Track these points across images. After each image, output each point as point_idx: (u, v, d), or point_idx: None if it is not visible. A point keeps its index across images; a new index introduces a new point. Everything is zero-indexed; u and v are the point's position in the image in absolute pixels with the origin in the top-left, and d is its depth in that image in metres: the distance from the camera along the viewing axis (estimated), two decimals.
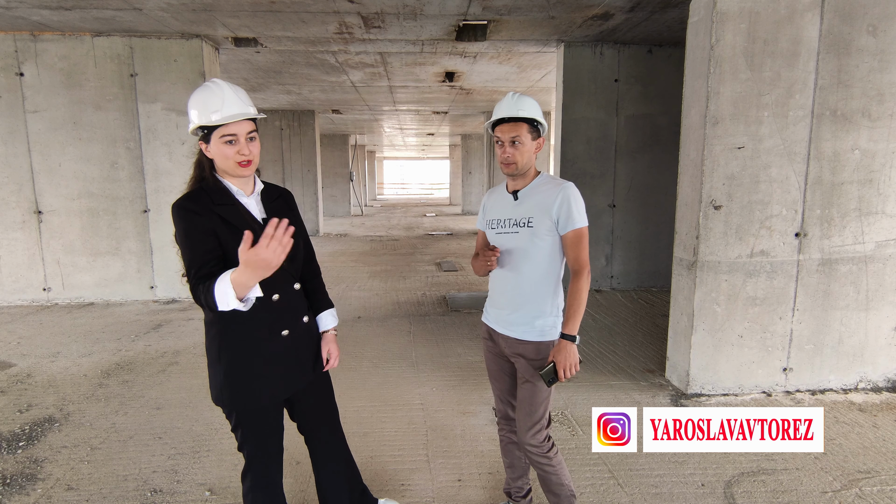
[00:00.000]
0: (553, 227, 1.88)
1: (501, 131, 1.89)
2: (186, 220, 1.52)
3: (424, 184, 44.00)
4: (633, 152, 6.23)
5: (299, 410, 1.87)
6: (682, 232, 3.53)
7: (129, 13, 4.84)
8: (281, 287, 1.67)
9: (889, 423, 3.10)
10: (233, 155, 1.54)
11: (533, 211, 1.90)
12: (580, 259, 1.88)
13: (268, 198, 1.73)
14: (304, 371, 1.78)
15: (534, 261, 1.90)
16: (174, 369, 3.95)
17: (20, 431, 3.00)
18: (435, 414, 3.23)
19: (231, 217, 1.56)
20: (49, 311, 5.54)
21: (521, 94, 1.91)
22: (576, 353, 1.84)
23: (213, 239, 1.52)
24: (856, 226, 3.35)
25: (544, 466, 1.95)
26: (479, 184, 17.68)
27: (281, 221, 1.34)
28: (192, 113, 1.56)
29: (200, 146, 1.59)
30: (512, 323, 1.94)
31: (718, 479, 2.52)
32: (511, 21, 5.19)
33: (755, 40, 3.14)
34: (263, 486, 1.75)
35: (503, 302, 1.97)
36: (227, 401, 1.63)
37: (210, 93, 1.53)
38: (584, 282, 1.86)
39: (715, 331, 3.39)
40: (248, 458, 1.73)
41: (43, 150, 5.61)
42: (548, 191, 1.90)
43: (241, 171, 1.58)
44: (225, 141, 1.53)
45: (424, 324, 5.13)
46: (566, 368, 1.82)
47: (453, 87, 9.08)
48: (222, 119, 1.51)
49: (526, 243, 1.90)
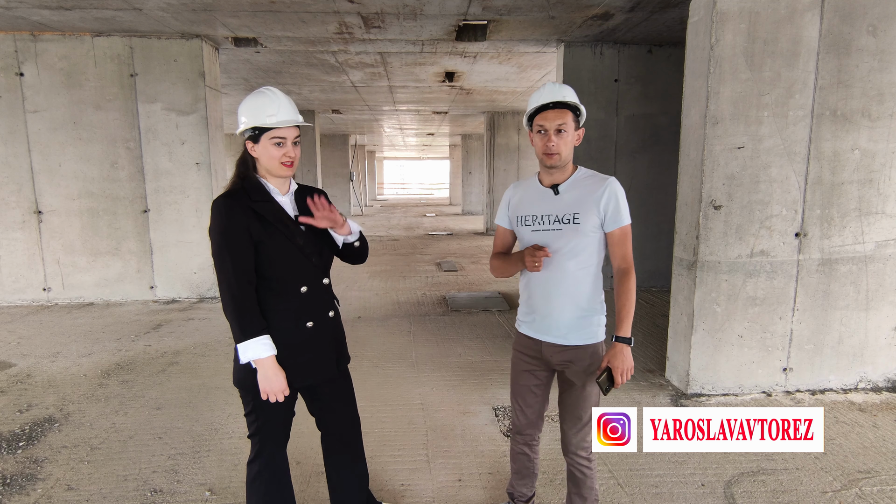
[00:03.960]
0: (599, 224, 1.78)
1: (546, 119, 1.76)
2: (225, 217, 1.64)
3: (424, 184, 43.98)
4: (633, 152, 6.23)
5: (320, 406, 1.92)
6: (682, 232, 3.53)
7: (129, 13, 4.84)
8: (310, 280, 1.76)
9: (889, 423, 3.10)
10: (279, 156, 1.68)
11: (578, 206, 1.78)
12: (627, 257, 1.79)
13: (301, 197, 1.82)
14: (326, 364, 1.84)
15: (578, 259, 1.79)
16: (174, 369, 3.95)
17: (20, 431, 2.99)
18: (435, 414, 3.23)
19: (265, 212, 1.68)
20: (49, 311, 5.54)
21: (560, 83, 1.79)
22: (631, 357, 1.74)
23: (246, 238, 1.64)
24: (856, 226, 3.35)
25: (584, 470, 1.92)
26: (479, 184, 17.67)
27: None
28: (246, 114, 1.69)
29: (247, 145, 1.71)
30: (560, 329, 1.83)
31: (718, 479, 2.52)
32: (511, 21, 5.19)
33: (755, 40, 3.14)
34: (271, 470, 1.82)
35: (547, 307, 1.84)
36: (249, 384, 1.70)
37: (267, 99, 1.68)
38: (633, 280, 1.77)
39: (715, 331, 3.39)
40: (259, 443, 1.80)
41: (43, 150, 5.62)
42: (592, 185, 1.80)
43: (285, 171, 1.71)
44: (275, 143, 1.67)
45: (424, 324, 5.13)
46: (623, 373, 1.72)
47: (453, 87, 9.08)
48: (277, 123, 1.66)
49: (571, 241, 1.78)
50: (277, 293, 1.71)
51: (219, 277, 1.64)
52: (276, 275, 1.70)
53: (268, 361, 1.64)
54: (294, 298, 1.73)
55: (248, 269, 1.64)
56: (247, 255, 1.64)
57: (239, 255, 1.63)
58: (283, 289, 1.72)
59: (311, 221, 1.70)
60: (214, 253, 1.65)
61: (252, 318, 1.63)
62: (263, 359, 1.64)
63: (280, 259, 1.69)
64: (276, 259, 1.68)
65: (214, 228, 1.65)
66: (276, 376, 1.65)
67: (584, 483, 1.94)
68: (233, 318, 1.63)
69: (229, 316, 1.64)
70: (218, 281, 1.65)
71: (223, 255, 1.63)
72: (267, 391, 1.66)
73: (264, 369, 1.64)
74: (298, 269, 1.73)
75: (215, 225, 1.65)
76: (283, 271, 1.71)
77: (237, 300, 1.62)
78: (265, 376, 1.65)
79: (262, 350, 1.63)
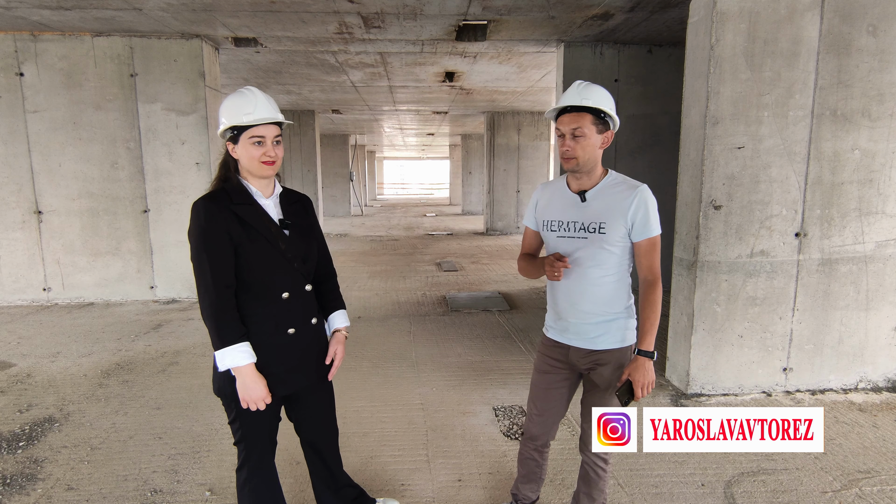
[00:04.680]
0: (626, 233, 1.73)
1: (562, 122, 1.73)
2: (204, 220, 1.60)
3: (424, 184, 43.98)
4: (633, 152, 6.22)
5: (298, 413, 1.90)
6: (682, 232, 3.53)
7: (129, 13, 4.84)
8: (292, 286, 1.72)
9: (889, 423, 3.10)
10: (259, 155, 1.64)
11: (605, 215, 1.73)
12: (654, 268, 1.73)
13: (287, 200, 1.80)
14: (306, 372, 1.81)
15: (603, 267, 1.76)
16: (174, 369, 3.95)
17: (20, 431, 3.00)
18: (435, 414, 3.23)
19: (247, 216, 1.64)
20: (49, 311, 5.54)
21: (589, 82, 1.74)
22: (653, 371, 1.71)
23: (226, 241, 1.61)
24: (856, 226, 3.35)
25: (598, 471, 1.91)
26: (479, 184, 17.68)
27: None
28: (225, 115, 1.66)
29: (227, 147, 1.68)
30: (588, 333, 1.81)
31: (718, 479, 2.52)
32: (511, 21, 5.19)
33: (755, 40, 3.14)
34: (259, 477, 1.80)
35: (573, 314, 1.82)
36: (229, 393, 1.67)
37: (244, 98, 1.64)
38: (659, 293, 1.72)
39: (715, 331, 3.39)
40: (245, 450, 1.77)
41: (43, 151, 5.61)
42: (621, 193, 1.74)
43: (265, 171, 1.67)
44: (253, 142, 1.63)
45: (424, 324, 5.13)
46: (643, 387, 1.69)
47: (453, 87, 9.08)
48: (253, 121, 1.62)
49: (596, 250, 1.75)
50: (258, 298, 1.67)
51: (197, 281, 1.60)
52: (257, 279, 1.66)
53: (246, 369, 1.60)
54: (274, 304, 1.69)
55: (226, 273, 1.60)
56: (226, 258, 1.60)
57: (217, 259, 1.59)
58: (264, 294, 1.68)
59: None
60: (193, 256, 1.61)
61: (230, 324, 1.59)
62: (242, 367, 1.59)
63: (261, 263, 1.65)
64: (257, 263, 1.65)
65: (193, 231, 1.61)
66: (256, 384, 1.61)
67: (595, 484, 1.93)
68: (211, 324, 1.59)
69: (207, 322, 1.60)
70: (196, 285, 1.61)
71: (201, 259, 1.58)
72: (246, 399, 1.62)
73: (243, 377, 1.60)
74: (280, 274, 1.69)
75: (194, 227, 1.61)
76: (264, 276, 1.67)
77: (215, 305, 1.58)
78: (244, 384, 1.61)
79: (240, 358, 1.59)
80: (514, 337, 4.72)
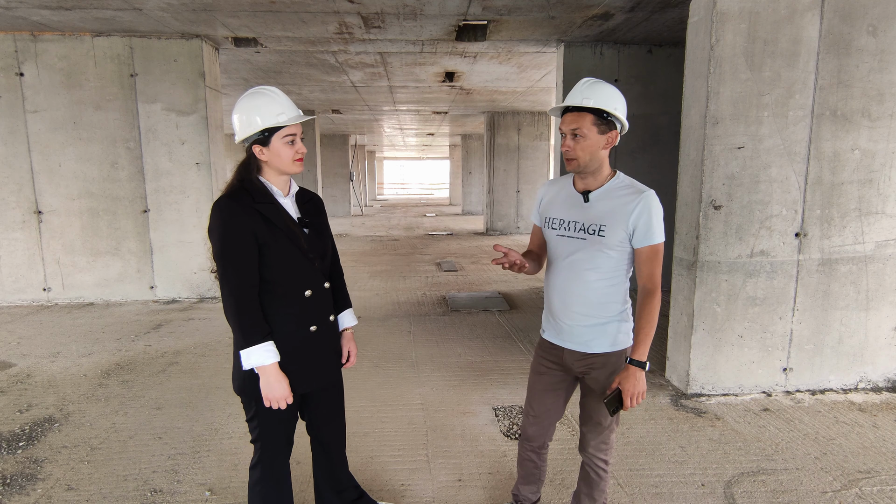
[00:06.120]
0: (626, 238, 1.69)
1: (564, 122, 1.70)
2: (227, 218, 1.58)
3: (424, 184, 44.00)
4: (633, 152, 6.23)
5: (312, 411, 1.91)
6: (682, 232, 3.53)
7: (129, 13, 4.84)
8: (313, 284, 1.74)
9: (889, 423, 3.10)
10: (293, 154, 1.66)
11: (606, 218, 1.70)
12: (654, 277, 1.68)
13: (301, 199, 1.81)
14: (327, 368, 1.83)
15: (600, 270, 1.73)
16: (174, 369, 3.95)
17: (20, 431, 2.99)
18: (435, 414, 3.23)
19: (271, 214, 1.64)
20: (49, 311, 5.54)
21: (596, 80, 1.69)
22: (644, 382, 1.67)
23: (251, 240, 1.59)
24: (856, 226, 3.35)
25: (599, 472, 1.90)
26: (479, 184, 17.68)
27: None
28: (257, 117, 1.61)
29: (255, 150, 1.65)
30: (581, 336, 1.79)
31: (718, 479, 2.52)
32: (511, 21, 5.19)
33: (755, 40, 3.14)
34: (272, 478, 1.80)
35: (567, 314, 1.79)
36: (250, 391, 1.67)
37: (270, 98, 1.64)
38: (657, 303, 1.68)
39: (715, 331, 3.39)
40: (261, 449, 1.77)
41: (43, 150, 5.62)
42: (625, 197, 1.69)
43: (297, 168, 1.69)
44: (287, 141, 1.64)
45: (424, 324, 5.13)
46: (633, 397, 1.65)
47: (453, 87, 9.08)
48: (289, 120, 1.63)
49: (593, 253, 1.72)
50: (280, 297, 1.67)
51: (221, 281, 1.59)
52: (280, 278, 1.66)
53: (271, 368, 1.60)
54: (297, 302, 1.70)
55: (251, 272, 1.60)
56: (250, 257, 1.59)
57: (242, 259, 1.58)
58: (287, 292, 1.68)
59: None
60: (216, 255, 1.59)
61: (255, 323, 1.59)
62: (267, 366, 1.59)
63: (284, 262, 1.65)
64: (280, 262, 1.64)
65: (216, 230, 1.58)
66: (280, 383, 1.61)
67: (596, 485, 1.92)
68: (235, 323, 1.58)
69: (231, 321, 1.59)
70: (220, 285, 1.59)
71: (226, 258, 1.57)
72: (270, 398, 1.62)
73: (267, 376, 1.60)
74: (302, 272, 1.70)
75: (216, 226, 1.58)
76: (287, 275, 1.67)
77: (239, 304, 1.57)
78: (268, 383, 1.61)
79: (265, 357, 1.59)
80: (514, 337, 4.72)
